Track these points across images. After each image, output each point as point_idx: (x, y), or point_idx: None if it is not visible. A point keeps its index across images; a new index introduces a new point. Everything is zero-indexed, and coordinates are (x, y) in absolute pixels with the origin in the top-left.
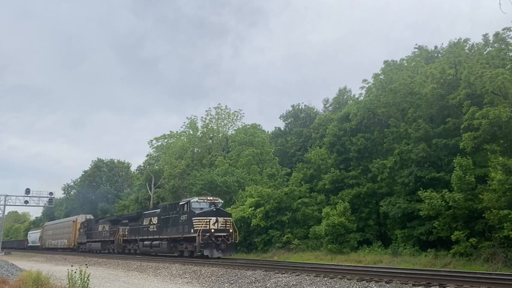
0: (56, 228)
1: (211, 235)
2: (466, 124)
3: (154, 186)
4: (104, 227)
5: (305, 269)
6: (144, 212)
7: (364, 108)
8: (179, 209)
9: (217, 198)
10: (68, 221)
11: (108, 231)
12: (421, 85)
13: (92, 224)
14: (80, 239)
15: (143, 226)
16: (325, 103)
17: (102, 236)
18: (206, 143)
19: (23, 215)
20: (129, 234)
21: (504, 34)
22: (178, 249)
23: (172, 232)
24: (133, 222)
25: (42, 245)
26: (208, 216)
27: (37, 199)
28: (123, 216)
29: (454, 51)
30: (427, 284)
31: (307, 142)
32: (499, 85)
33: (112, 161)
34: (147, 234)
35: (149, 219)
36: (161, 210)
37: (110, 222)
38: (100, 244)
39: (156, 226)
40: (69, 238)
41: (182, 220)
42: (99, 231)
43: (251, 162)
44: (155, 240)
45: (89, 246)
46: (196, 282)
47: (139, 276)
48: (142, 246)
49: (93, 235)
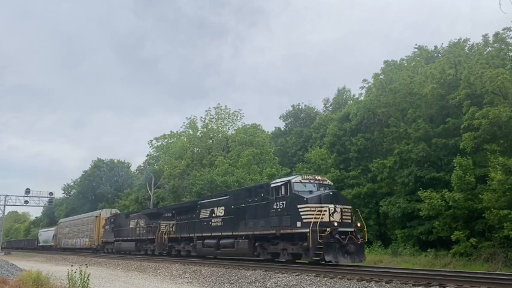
0: (74, 225)
1: (334, 231)
2: (466, 124)
3: (154, 186)
4: (137, 223)
5: (305, 269)
6: (200, 201)
7: (364, 108)
8: (269, 194)
9: (325, 178)
10: (89, 216)
11: (144, 227)
12: (421, 85)
13: (121, 219)
14: (105, 238)
15: (201, 220)
16: (325, 103)
17: (135, 234)
18: (206, 143)
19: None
20: (177, 230)
21: (504, 34)
22: (269, 251)
23: (257, 226)
24: (184, 215)
25: (57, 245)
26: (324, 203)
27: (37, 199)
28: (167, 208)
29: (454, 51)
30: (427, 284)
31: (308, 142)
32: (499, 85)
33: (112, 161)
34: (209, 230)
35: (210, 211)
36: (231, 197)
37: (146, 216)
38: (134, 244)
39: (223, 219)
40: (90, 236)
41: (277, 209)
42: (131, 228)
43: (251, 162)
44: (224, 238)
45: (118, 246)
46: (196, 282)
47: (139, 276)
48: (202, 246)
49: (123, 233)
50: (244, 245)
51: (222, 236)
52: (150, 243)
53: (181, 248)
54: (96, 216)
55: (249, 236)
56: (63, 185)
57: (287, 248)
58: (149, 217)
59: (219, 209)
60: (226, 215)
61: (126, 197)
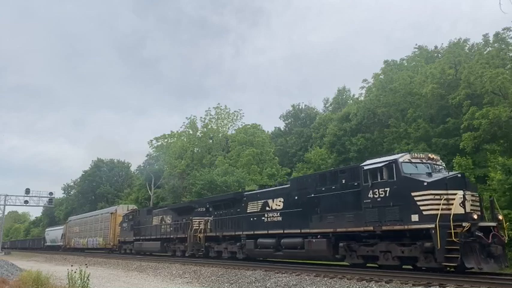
0: (86, 223)
1: (474, 226)
2: (466, 124)
3: (154, 186)
4: (163, 220)
5: (305, 269)
6: (247, 192)
7: (364, 108)
8: (360, 179)
9: (438, 158)
10: (103, 213)
11: (171, 224)
12: (421, 85)
13: (142, 215)
14: (122, 237)
15: (249, 215)
16: (325, 103)
17: (160, 232)
18: (206, 143)
19: (23, 215)
20: (216, 228)
21: (504, 34)
22: (359, 253)
23: (340, 222)
24: (224, 209)
25: (66, 245)
26: (451, 189)
27: (37, 199)
28: (201, 201)
29: (454, 51)
30: (427, 284)
31: (308, 142)
32: (499, 85)
33: (112, 161)
34: (263, 227)
35: (262, 204)
36: (294, 185)
37: (173, 211)
38: (159, 244)
39: (282, 213)
40: (105, 235)
41: (375, 198)
42: (155, 226)
43: (251, 162)
44: (288, 237)
45: (139, 247)
46: (196, 282)
47: (139, 276)
48: (254, 246)
49: (144, 231)
50: (321, 246)
51: (284, 235)
52: (180, 242)
53: (223, 248)
54: (111, 213)
55: (327, 234)
56: (63, 185)
57: (392, 249)
58: (177, 212)
59: (276, 201)
60: (287, 208)
61: (126, 197)
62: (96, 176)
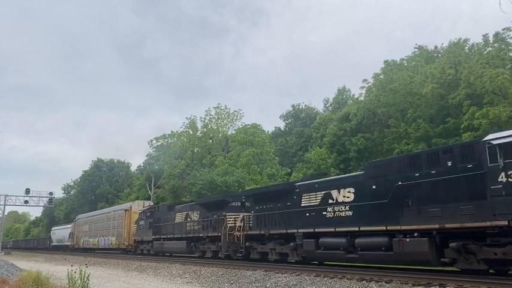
0: (96, 221)
1: None
2: (465, 124)
3: (154, 186)
4: (188, 216)
5: (305, 269)
6: (300, 182)
7: (364, 108)
8: (482, 158)
9: None
10: (116, 210)
11: (199, 221)
12: (421, 85)
13: (162, 212)
14: (139, 236)
15: (305, 209)
16: (326, 103)
17: (185, 230)
18: (206, 143)
19: (23, 215)
20: (259, 224)
21: (504, 34)
22: (479, 257)
23: (452, 215)
24: (269, 203)
25: (75, 245)
26: None
27: (37, 199)
28: (236, 194)
29: (454, 51)
30: (427, 284)
31: (308, 142)
32: (499, 85)
33: (112, 161)
34: (327, 223)
35: (322, 195)
36: (371, 171)
37: (202, 207)
38: (184, 243)
39: (353, 207)
40: (118, 235)
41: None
42: (179, 223)
43: (251, 162)
44: (365, 236)
45: (160, 247)
46: (196, 282)
47: (139, 276)
48: (315, 247)
49: (166, 229)
50: (420, 247)
51: (360, 233)
52: (211, 242)
53: (270, 249)
54: (125, 210)
55: (429, 231)
56: (63, 185)
57: None
58: (207, 208)
59: (344, 191)
60: (360, 199)
61: (126, 197)
62: (96, 176)
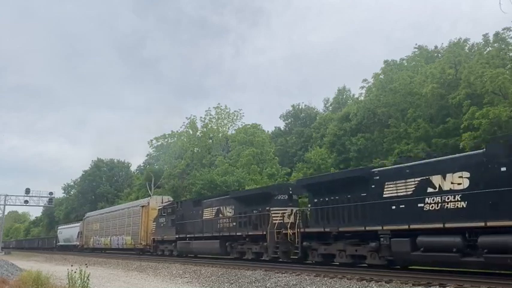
0: (108, 219)
1: None
2: (465, 124)
3: (154, 186)
4: (219, 212)
5: (305, 269)
6: (379, 169)
7: (364, 108)
8: None
9: None
10: (131, 206)
11: (235, 218)
12: (421, 85)
13: (187, 208)
14: (158, 234)
15: (389, 200)
16: (326, 103)
17: (217, 228)
18: (206, 143)
19: (23, 215)
20: (319, 220)
21: (504, 34)
22: None
23: None
24: (333, 194)
25: (84, 245)
26: None
27: (37, 199)
28: (281, 187)
29: (454, 51)
30: (427, 284)
31: (308, 142)
32: (499, 85)
33: (112, 161)
34: (424, 218)
35: (417, 183)
36: (495, 148)
37: (238, 201)
38: (217, 243)
39: (465, 196)
40: (134, 233)
41: None
42: (209, 220)
43: (251, 162)
44: (492, 234)
45: (185, 247)
46: (196, 282)
47: (139, 276)
48: (410, 248)
49: (191, 227)
50: None
51: (485, 229)
52: (252, 242)
53: (338, 250)
54: (142, 206)
55: None
56: (63, 185)
57: None
58: (245, 202)
59: (452, 177)
60: (479, 186)
61: (126, 197)
62: (96, 176)
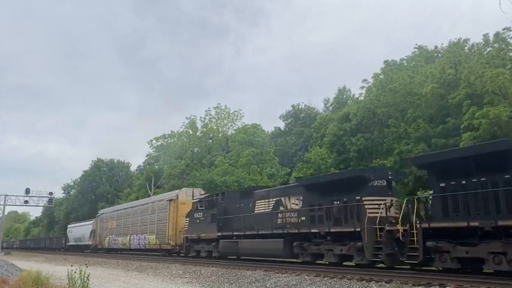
0: (127, 215)
1: None
2: (465, 124)
3: (154, 186)
4: (280, 204)
5: (305, 269)
6: None
7: (364, 108)
8: None
9: None
10: (156, 201)
11: (304, 211)
12: (420, 85)
13: (231, 200)
14: (193, 232)
15: None
16: (326, 103)
17: (276, 224)
18: (206, 143)
19: (23, 215)
20: (454, 211)
21: (504, 34)
22: None
23: None
24: (473, 175)
25: (98, 245)
26: None
27: (37, 199)
28: (378, 169)
29: (454, 51)
30: (427, 284)
31: (308, 142)
32: (499, 85)
33: (112, 161)
34: None
35: None
36: None
37: (310, 190)
38: (281, 242)
39: None
40: (160, 232)
41: None
42: (264, 215)
43: (251, 162)
44: None
45: (231, 247)
46: (196, 282)
47: (139, 276)
48: None
49: (239, 223)
50: None
51: None
52: (335, 242)
53: (488, 253)
54: (170, 200)
55: None
56: (63, 185)
57: None
58: (321, 191)
59: None
60: None
61: (126, 197)
62: (96, 176)
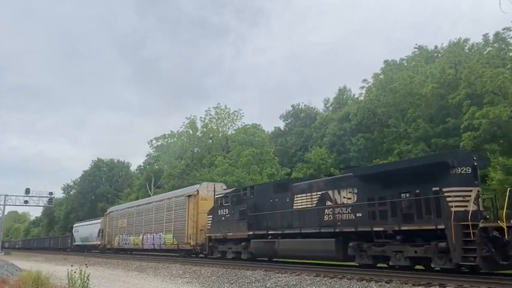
0: (139, 213)
1: None
2: (465, 124)
3: (154, 186)
4: (326, 198)
5: (305, 269)
6: None
7: (364, 108)
8: None
9: None
10: (173, 197)
11: (359, 205)
12: (420, 85)
13: (263, 194)
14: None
15: None
16: (326, 103)
17: (322, 220)
18: (206, 143)
19: (23, 215)
20: None
21: (504, 34)
22: None
23: None
24: None
25: (107, 245)
26: None
27: (37, 199)
28: (461, 154)
29: (454, 51)
30: (427, 284)
31: (308, 142)
32: (499, 85)
33: (112, 161)
34: None
35: None
36: None
37: (363, 181)
38: (332, 243)
39: None
40: (178, 230)
41: None
42: (305, 211)
43: (251, 162)
44: None
45: (266, 248)
46: (196, 282)
47: (139, 276)
48: None
49: (276, 220)
50: None
51: None
52: (404, 242)
53: None
54: (189, 196)
55: None
56: (63, 185)
57: None
58: (383, 181)
59: None
60: None
61: (126, 197)
62: (96, 176)
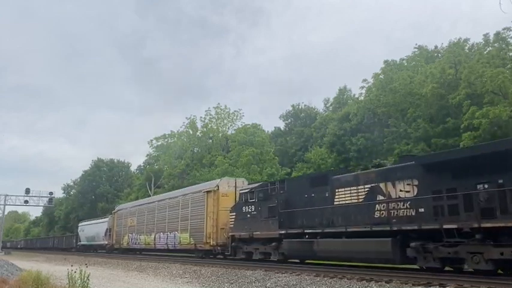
0: (150, 210)
1: None
2: (465, 124)
3: (154, 186)
4: (376, 191)
5: (305, 269)
6: None
7: (364, 108)
8: None
9: None
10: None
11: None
12: (420, 85)
13: (298, 188)
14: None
15: None
16: (326, 103)
17: (372, 218)
18: (206, 143)
19: (23, 215)
20: None
21: (504, 34)
22: None
23: None
24: None
25: (115, 245)
26: None
27: (37, 199)
28: None
29: (454, 51)
30: (427, 284)
31: (308, 142)
32: (499, 84)
33: (112, 161)
34: None
35: None
36: None
37: (427, 170)
38: (389, 243)
39: None
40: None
41: None
42: (348, 206)
43: (251, 162)
44: None
45: (303, 249)
46: (196, 282)
47: (139, 276)
48: None
49: (313, 217)
50: None
51: None
52: (481, 242)
53: None
54: (208, 191)
55: None
56: (63, 185)
57: None
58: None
59: None
60: None
61: (126, 197)
62: (96, 176)
